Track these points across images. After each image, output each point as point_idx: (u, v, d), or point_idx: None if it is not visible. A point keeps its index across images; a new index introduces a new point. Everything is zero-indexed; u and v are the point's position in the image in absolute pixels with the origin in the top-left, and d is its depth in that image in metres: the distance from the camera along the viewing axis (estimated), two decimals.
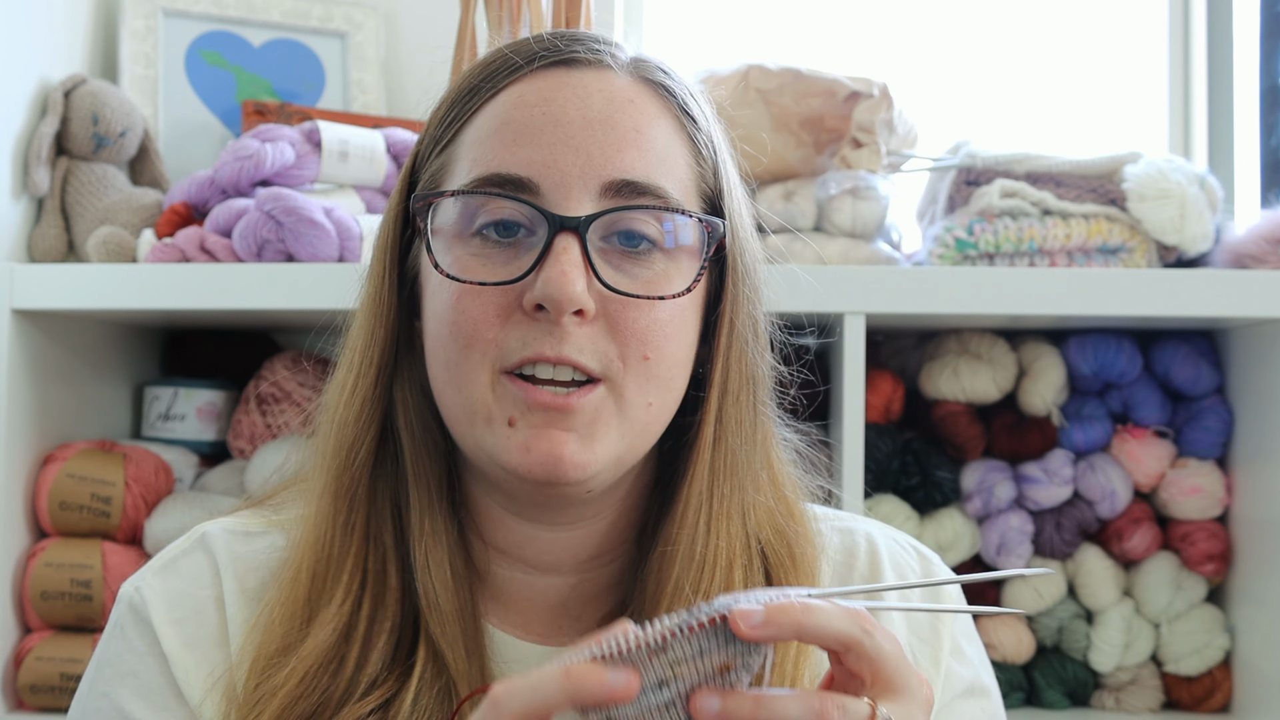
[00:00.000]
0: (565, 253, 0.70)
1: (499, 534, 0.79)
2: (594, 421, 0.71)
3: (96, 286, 1.38)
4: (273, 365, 1.55)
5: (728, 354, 0.77)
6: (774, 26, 1.91)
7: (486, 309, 0.72)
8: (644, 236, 0.73)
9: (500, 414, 0.72)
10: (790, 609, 0.56)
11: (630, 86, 0.76)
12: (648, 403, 0.73)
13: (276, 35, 1.75)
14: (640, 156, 0.73)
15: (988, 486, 1.45)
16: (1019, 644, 1.45)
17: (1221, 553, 1.45)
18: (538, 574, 0.80)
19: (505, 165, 0.72)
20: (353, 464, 0.77)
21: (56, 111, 1.51)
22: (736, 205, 0.80)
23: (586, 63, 0.76)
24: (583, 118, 0.73)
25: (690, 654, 0.56)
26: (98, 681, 0.79)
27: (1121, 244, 1.42)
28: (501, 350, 0.71)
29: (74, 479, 1.42)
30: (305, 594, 0.75)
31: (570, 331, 0.70)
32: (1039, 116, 1.86)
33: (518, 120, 0.74)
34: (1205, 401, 1.47)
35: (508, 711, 0.56)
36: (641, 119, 0.75)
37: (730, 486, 0.76)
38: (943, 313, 1.33)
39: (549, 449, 0.70)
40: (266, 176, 1.44)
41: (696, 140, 0.78)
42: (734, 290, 0.78)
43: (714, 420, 0.76)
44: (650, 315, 0.72)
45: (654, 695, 0.56)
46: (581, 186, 0.72)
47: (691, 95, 0.80)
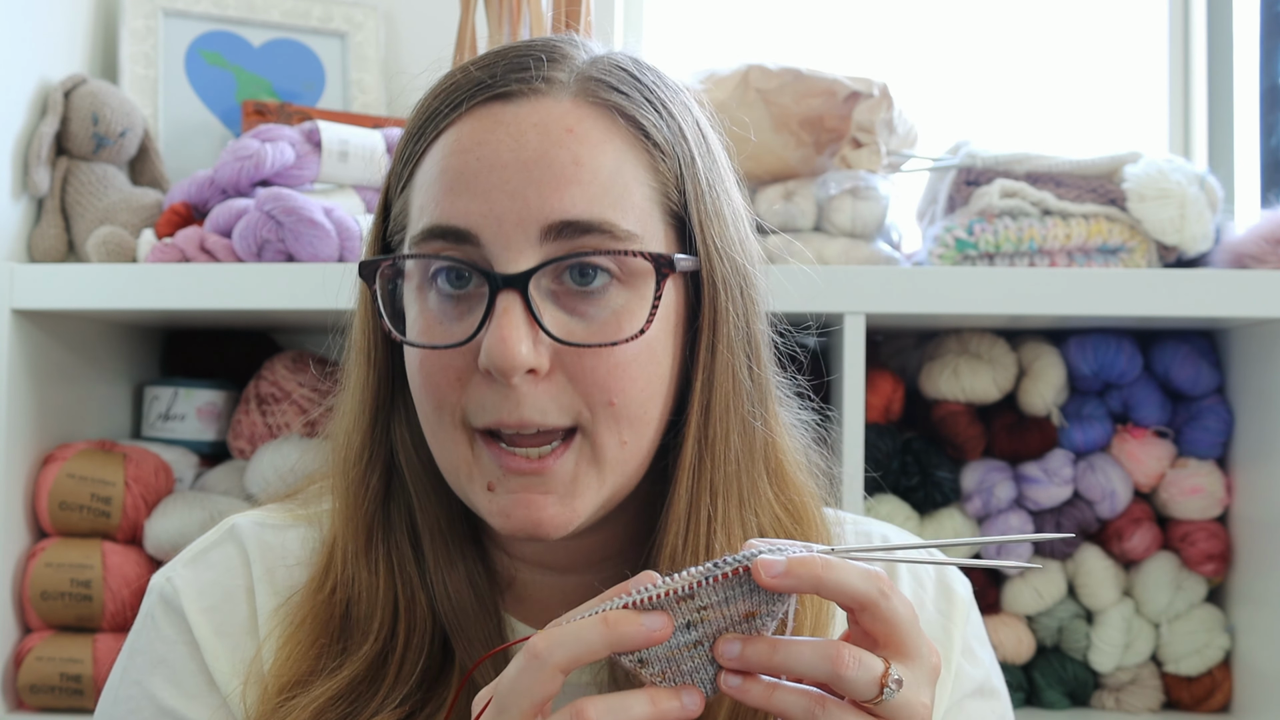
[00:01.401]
0: (506, 314, 0.68)
1: (515, 546, 0.80)
2: (572, 481, 0.71)
3: (96, 286, 1.38)
4: (273, 365, 1.55)
5: (709, 372, 0.74)
6: (774, 26, 1.91)
7: (447, 372, 0.71)
8: (597, 270, 0.70)
9: (480, 477, 0.71)
10: (810, 563, 0.58)
11: (570, 112, 0.71)
12: (621, 442, 0.71)
13: (276, 35, 1.75)
14: (583, 191, 0.69)
15: (988, 486, 1.45)
16: (1019, 644, 1.45)
17: (1221, 553, 1.45)
18: (556, 574, 0.80)
19: (446, 217, 0.70)
20: (365, 500, 0.78)
21: (56, 111, 1.51)
22: (713, 214, 0.75)
23: (520, 94, 0.72)
24: (517, 160, 0.70)
25: (716, 600, 0.59)
26: (129, 670, 0.80)
27: (1121, 244, 1.42)
28: (469, 412, 0.71)
29: (74, 479, 1.42)
30: (339, 622, 0.76)
31: (526, 393, 0.69)
32: (1039, 116, 1.86)
33: (454, 168, 0.71)
34: (1205, 401, 1.47)
35: (551, 663, 0.58)
36: (582, 149, 0.70)
37: (722, 505, 0.74)
38: (943, 313, 1.33)
39: (527, 515, 0.70)
40: (266, 176, 1.44)
41: (652, 155, 0.73)
42: (710, 306, 0.74)
43: (695, 440, 0.73)
44: (610, 361, 0.70)
45: (682, 635, 0.60)
46: (521, 234, 0.69)
47: (649, 100, 0.74)
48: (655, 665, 0.60)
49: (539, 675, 0.58)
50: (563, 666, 0.58)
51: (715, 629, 0.59)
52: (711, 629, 0.59)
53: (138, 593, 1.40)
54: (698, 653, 0.60)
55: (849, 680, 0.58)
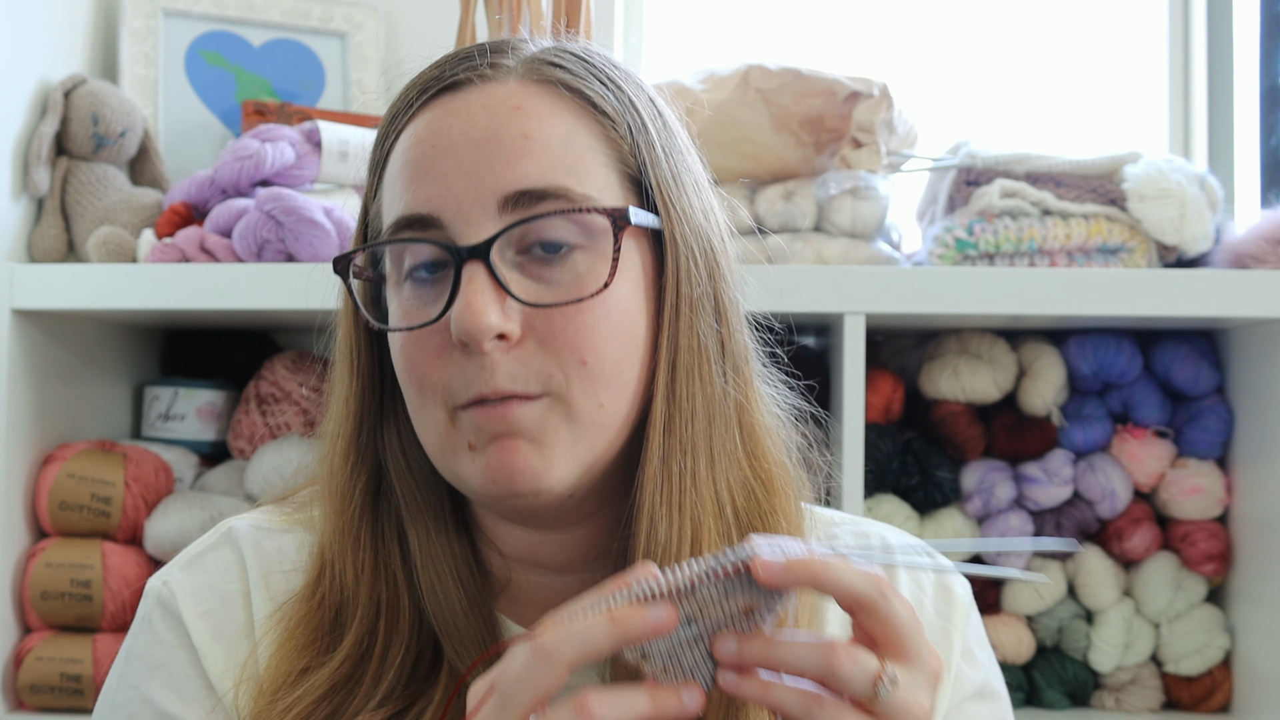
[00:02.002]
0: (471, 282, 0.69)
1: (509, 545, 0.80)
2: (541, 428, 0.71)
3: (96, 286, 1.38)
4: (273, 365, 1.55)
5: (674, 328, 0.75)
6: (774, 26, 1.91)
7: (426, 352, 0.72)
8: (558, 240, 0.72)
9: (460, 441, 0.72)
10: (810, 563, 0.59)
11: (516, 92, 0.74)
12: (599, 404, 0.72)
13: (276, 35, 1.75)
14: (533, 162, 0.71)
15: (988, 486, 1.45)
16: (1019, 644, 1.45)
17: (1221, 553, 1.45)
18: (550, 574, 0.80)
19: (409, 206, 0.73)
20: (351, 507, 0.78)
21: (56, 111, 1.51)
22: (670, 176, 0.77)
23: (468, 82, 0.75)
24: (468, 140, 0.72)
25: (716, 596, 0.60)
26: (126, 674, 0.80)
27: (1121, 244, 1.42)
28: (449, 390, 0.72)
29: (74, 479, 1.42)
30: (327, 626, 0.77)
31: (498, 361, 0.70)
32: (1039, 116, 1.86)
33: (413, 160, 0.74)
34: (1205, 401, 1.47)
35: (560, 661, 0.58)
36: (529, 123, 0.73)
37: (691, 464, 0.74)
38: (943, 313, 1.33)
39: (501, 462, 0.70)
40: (266, 176, 1.44)
41: (602, 123, 0.75)
42: (674, 264, 0.75)
43: (664, 398, 0.74)
44: (579, 320, 0.71)
45: (683, 630, 0.60)
46: (480, 210, 0.71)
47: (593, 77, 0.76)
48: (657, 660, 0.60)
49: (546, 671, 0.58)
50: (570, 663, 0.58)
51: (715, 624, 0.60)
52: (711, 624, 0.60)
53: (138, 593, 1.39)
54: (698, 648, 0.60)
55: (843, 676, 0.58)
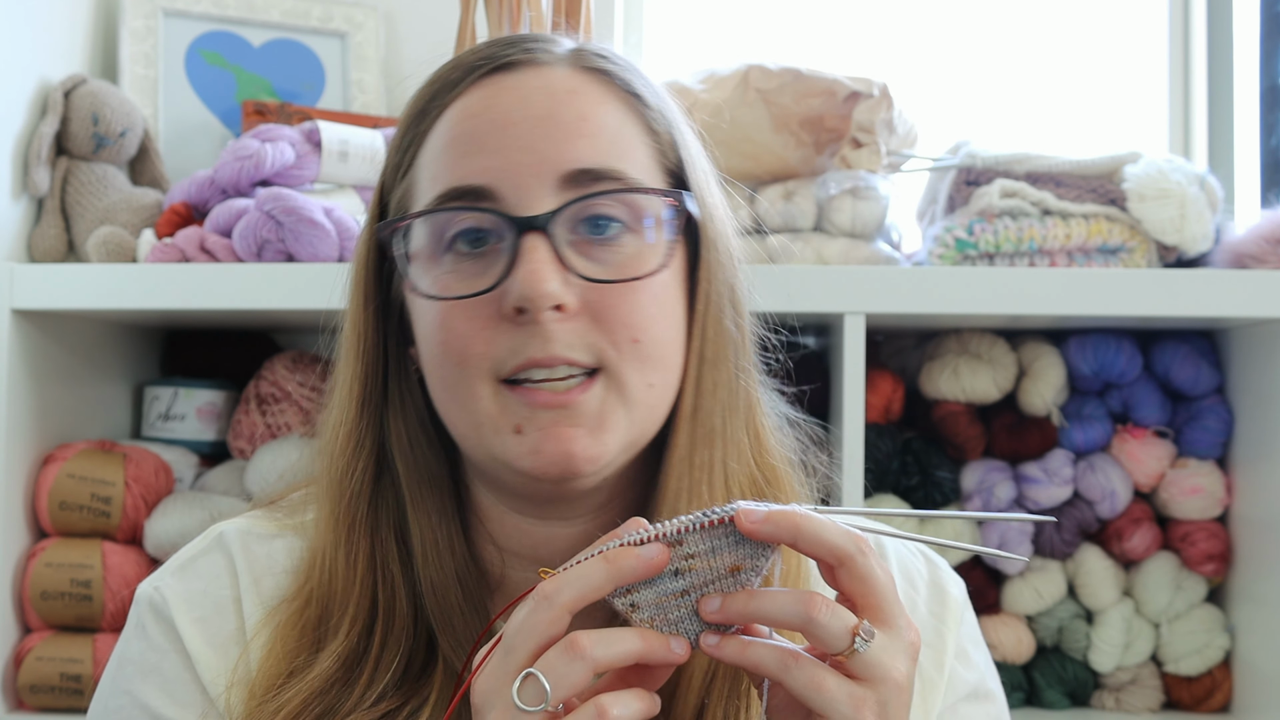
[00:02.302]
0: (534, 251, 0.70)
1: (510, 538, 0.80)
2: (600, 415, 0.72)
3: (96, 286, 1.38)
4: (273, 365, 1.55)
5: (704, 320, 0.77)
6: (774, 26, 1.91)
7: (472, 322, 0.72)
8: (611, 219, 0.73)
9: (506, 423, 0.72)
10: (791, 514, 0.61)
11: (570, 77, 0.76)
12: (648, 384, 0.73)
13: (276, 35, 1.75)
14: (591, 143, 0.73)
15: (988, 486, 1.45)
16: (1019, 644, 1.45)
17: (1221, 553, 1.45)
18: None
19: (461, 178, 0.73)
20: (348, 495, 0.78)
21: (56, 111, 1.51)
22: (701, 177, 0.80)
23: (522, 64, 0.76)
24: (526, 117, 0.73)
25: (703, 550, 0.61)
26: (119, 680, 0.79)
27: (1121, 244, 1.42)
28: (494, 361, 0.71)
29: (74, 479, 1.42)
30: (314, 626, 0.76)
31: (554, 329, 0.70)
32: (1039, 116, 1.86)
33: (466, 132, 0.74)
34: (1205, 401, 1.47)
35: (559, 603, 0.60)
36: (586, 106, 0.74)
37: (709, 453, 0.76)
38: (943, 313, 1.33)
39: (558, 447, 0.71)
40: (266, 176, 1.44)
41: (648, 118, 0.77)
42: (706, 257, 0.78)
43: (693, 388, 0.76)
44: (632, 299, 0.72)
45: (670, 582, 0.62)
46: (539, 183, 0.72)
47: (637, 74, 0.79)
48: (645, 611, 0.62)
49: (548, 615, 0.60)
50: (570, 606, 0.60)
51: (702, 580, 0.61)
52: (698, 579, 0.61)
53: None
54: (684, 602, 0.62)
55: (821, 626, 0.59)
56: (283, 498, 0.87)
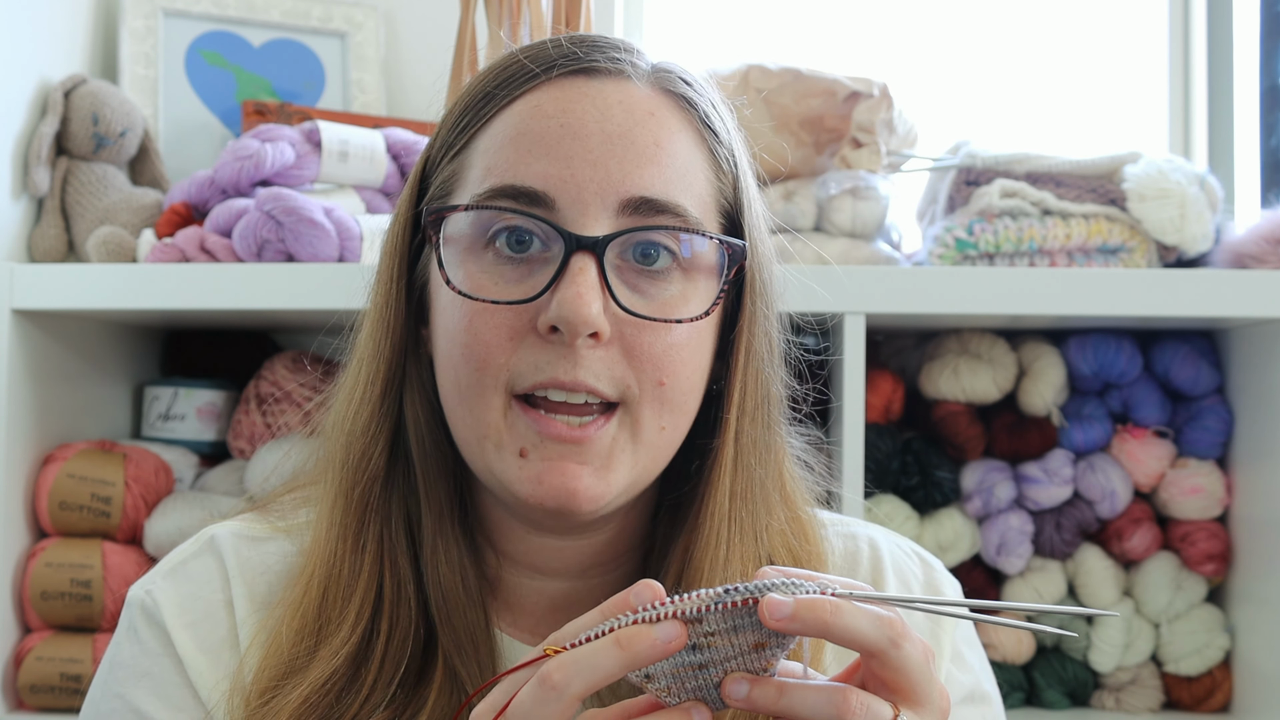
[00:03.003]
0: (582, 273, 0.68)
1: (509, 543, 0.79)
2: (609, 454, 0.70)
3: (96, 286, 1.38)
4: (273, 365, 1.55)
5: (745, 373, 0.75)
6: (774, 26, 1.91)
7: (499, 330, 0.70)
8: (662, 251, 0.71)
9: (512, 443, 0.70)
10: (819, 607, 0.56)
11: (651, 98, 0.73)
12: (660, 427, 0.72)
13: (276, 35, 1.75)
14: (660, 173, 0.71)
15: (988, 486, 1.45)
16: (1019, 644, 1.45)
17: (1221, 553, 1.45)
18: (544, 578, 0.79)
19: (520, 177, 0.70)
20: (363, 479, 0.76)
21: (56, 111, 1.51)
22: (756, 220, 0.78)
23: (606, 72, 0.73)
24: (602, 131, 0.71)
25: (724, 628, 0.58)
26: (110, 684, 0.79)
27: (1121, 244, 1.42)
28: (514, 374, 0.70)
29: (74, 479, 1.42)
30: (315, 612, 0.74)
31: (584, 355, 0.68)
32: (1039, 116, 1.86)
33: (534, 130, 0.71)
34: (1205, 401, 1.47)
35: (569, 693, 0.56)
36: (662, 133, 0.72)
37: (748, 510, 0.74)
38: (943, 313, 1.33)
39: (562, 483, 0.69)
40: (266, 176, 1.44)
41: (717, 154, 0.76)
42: (751, 308, 0.75)
43: (733, 441, 0.74)
44: (666, 339, 0.70)
45: (688, 656, 0.58)
46: (599, 203, 0.69)
47: (714, 106, 0.77)
48: (661, 680, 0.59)
49: (555, 705, 0.56)
50: (579, 695, 0.56)
51: (722, 655, 0.58)
52: (718, 655, 0.58)
53: None
54: (703, 674, 0.59)
55: None
56: (275, 500, 0.86)
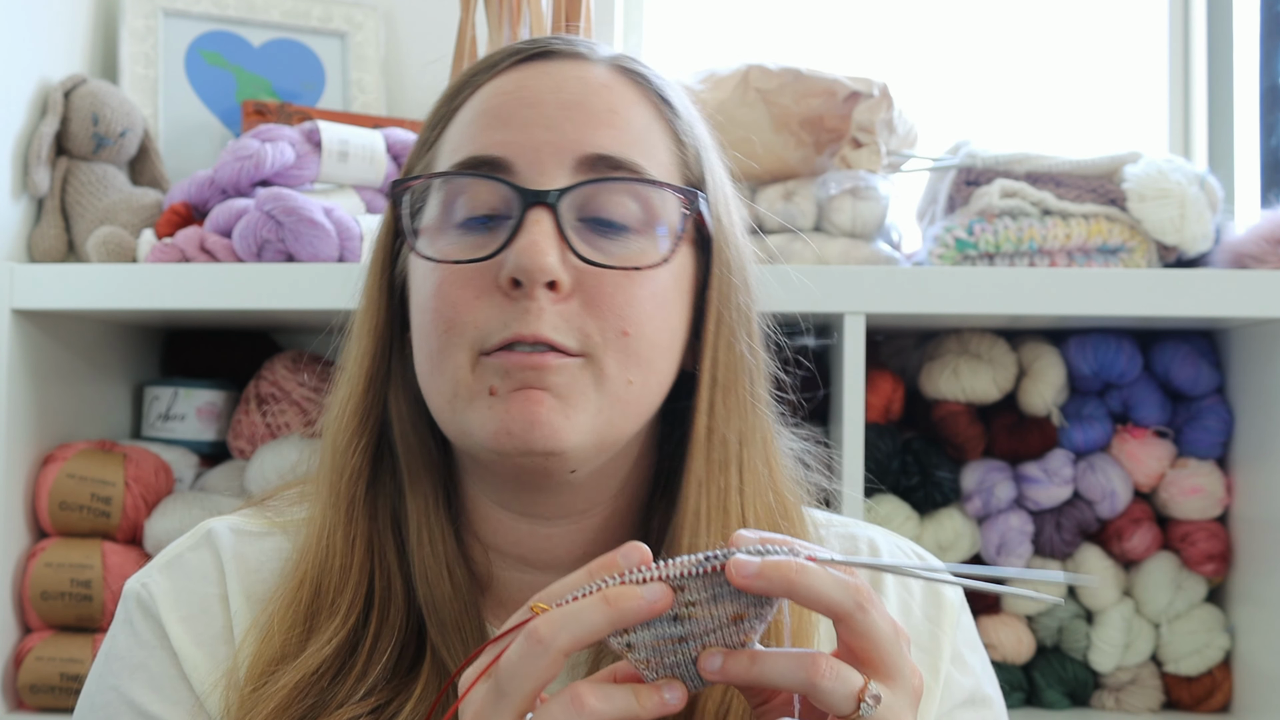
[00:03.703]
0: (537, 224, 0.70)
1: (497, 535, 0.79)
2: (570, 386, 0.70)
3: (96, 286, 1.38)
4: (273, 365, 1.55)
5: (716, 343, 0.76)
6: (774, 26, 1.91)
7: (465, 290, 0.71)
8: (620, 223, 0.73)
9: (480, 387, 0.71)
10: (785, 566, 0.57)
11: (607, 74, 0.76)
12: (628, 380, 0.72)
13: (276, 35, 1.75)
14: (616, 134, 0.73)
15: (988, 486, 1.45)
16: (1019, 644, 1.45)
17: (1221, 553, 1.45)
18: (536, 572, 0.79)
19: (480, 148, 0.73)
20: (348, 474, 0.77)
21: (56, 111, 1.51)
22: (722, 196, 0.79)
23: (563, 54, 0.77)
24: (557, 100, 0.73)
25: (704, 598, 0.58)
26: (106, 676, 0.79)
27: (1121, 244, 1.42)
28: (481, 332, 0.71)
29: (74, 479, 1.42)
30: (307, 605, 0.75)
31: (545, 308, 0.70)
32: (1039, 116, 1.86)
33: (493, 107, 0.74)
34: (1205, 401, 1.47)
35: (555, 647, 0.57)
36: (618, 101, 0.75)
37: (726, 479, 0.75)
38: (943, 313, 1.33)
39: (523, 411, 0.69)
40: (266, 176, 1.44)
41: (676, 127, 0.77)
42: (720, 277, 0.77)
43: (706, 411, 0.75)
44: (628, 290, 0.71)
45: (668, 627, 0.58)
46: (555, 162, 0.72)
47: (673, 87, 0.79)
48: (641, 652, 0.59)
49: (543, 659, 0.57)
50: (566, 650, 0.57)
51: (702, 628, 0.58)
52: (698, 627, 0.58)
53: None
54: (682, 648, 0.59)
55: (825, 691, 0.57)
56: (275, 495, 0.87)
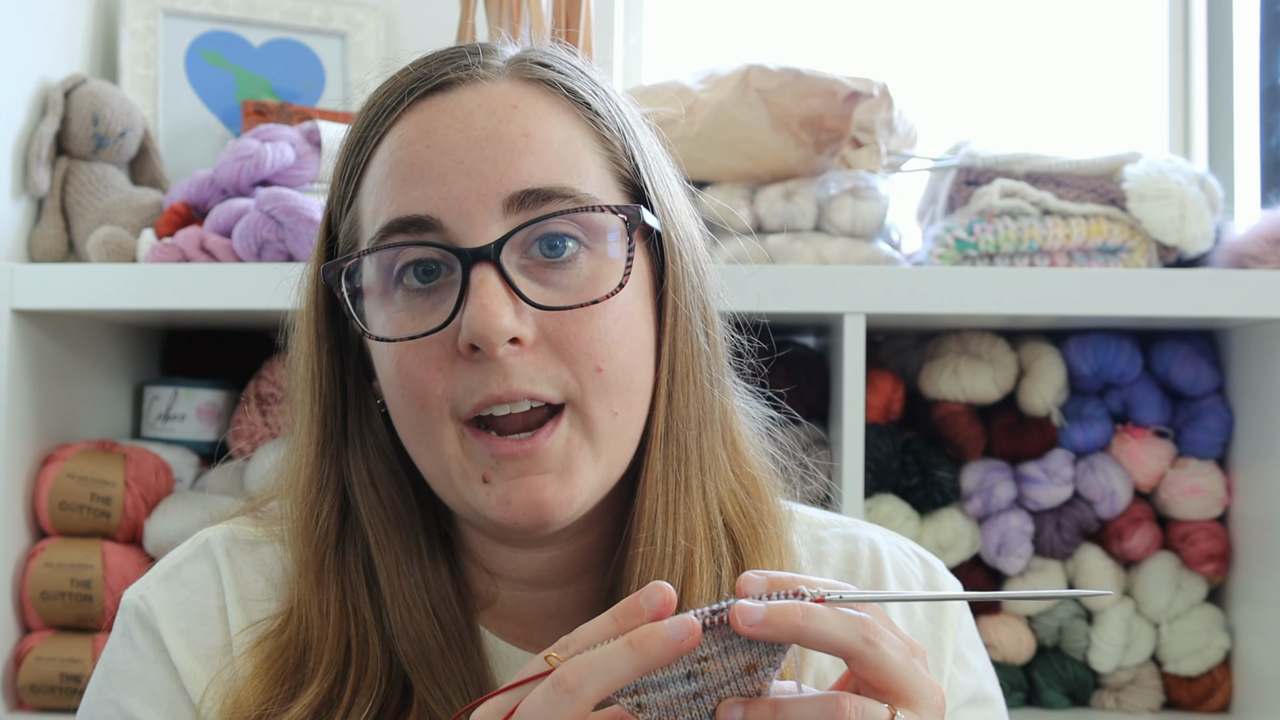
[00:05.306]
0: (483, 285, 0.67)
1: (496, 563, 0.79)
2: (567, 457, 0.69)
3: (96, 286, 1.38)
4: (273, 365, 1.55)
5: (673, 334, 0.74)
6: (774, 26, 1.91)
7: (427, 364, 0.69)
8: (565, 237, 0.70)
9: (474, 471, 0.70)
10: (790, 611, 0.56)
11: (511, 91, 0.72)
12: (613, 413, 0.71)
13: (276, 35, 1.75)
14: (537, 161, 0.70)
15: (988, 486, 1.45)
16: (1019, 644, 1.45)
17: (1221, 553, 1.45)
18: (539, 590, 0.79)
19: (402, 208, 0.70)
20: (315, 541, 0.76)
21: (56, 111, 1.51)
22: (661, 181, 0.76)
23: (459, 82, 0.72)
24: (466, 139, 0.70)
25: (716, 651, 0.57)
26: (105, 689, 0.79)
27: (1121, 244, 1.42)
28: (454, 402, 0.69)
29: (74, 479, 1.42)
30: (293, 666, 0.74)
31: (512, 364, 0.68)
32: (1039, 116, 1.86)
33: (403, 160, 0.71)
34: (1205, 401, 1.47)
35: (584, 696, 0.55)
36: (529, 121, 0.71)
37: (684, 471, 0.74)
38: (943, 313, 1.33)
39: (528, 497, 0.69)
40: (266, 176, 1.44)
41: (597, 125, 0.74)
42: (673, 268, 0.75)
43: (665, 405, 0.74)
44: (592, 325, 0.69)
45: (682, 686, 0.57)
46: (483, 210, 0.68)
47: (584, 80, 0.75)
48: (653, 712, 0.58)
49: (571, 709, 0.55)
50: (594, 698, 0.55)
51: (716, 681, 0.57)
52: (713, 681, 0.57)
53: None
54: (696, 705, 0.57)
55: None
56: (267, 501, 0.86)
